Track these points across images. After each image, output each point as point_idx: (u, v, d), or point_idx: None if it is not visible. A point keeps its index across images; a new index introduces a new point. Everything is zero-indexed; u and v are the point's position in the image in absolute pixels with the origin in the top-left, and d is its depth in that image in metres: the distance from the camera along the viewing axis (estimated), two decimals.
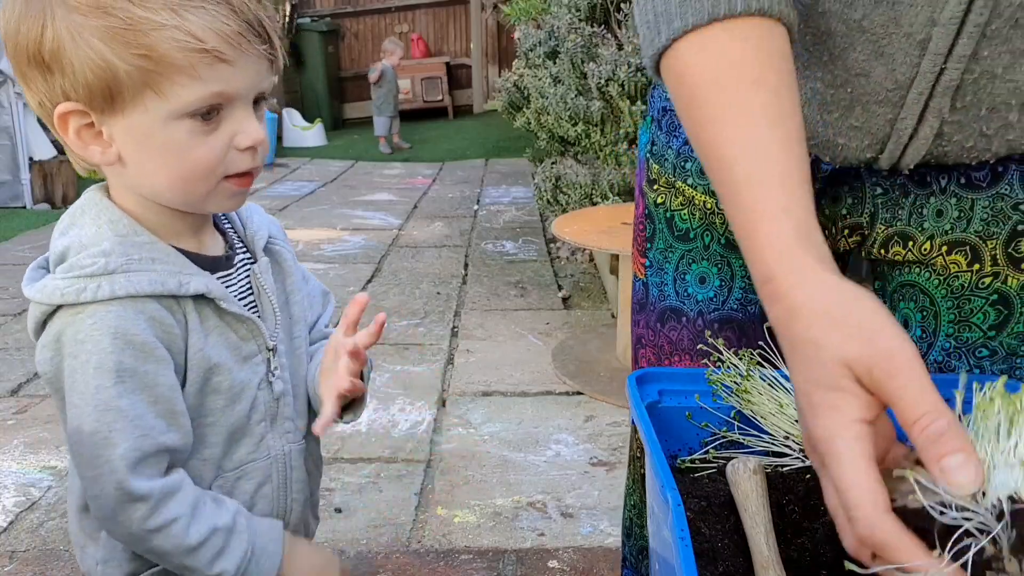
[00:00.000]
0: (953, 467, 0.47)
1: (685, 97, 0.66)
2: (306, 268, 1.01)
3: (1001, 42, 0.69)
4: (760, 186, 0.60)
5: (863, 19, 0.72)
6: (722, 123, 0.63)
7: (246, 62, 0.76)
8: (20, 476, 2.33)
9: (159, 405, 0.78)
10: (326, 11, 11.32)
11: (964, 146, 0.75)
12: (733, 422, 0.72)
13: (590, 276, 4.24)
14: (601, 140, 3.99)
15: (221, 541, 0.81)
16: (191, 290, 0.79)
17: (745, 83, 0.62)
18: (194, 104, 0.74)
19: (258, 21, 0.77)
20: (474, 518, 2.11)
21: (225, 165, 0.79)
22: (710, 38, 0.64)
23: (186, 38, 0.72)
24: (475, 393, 2.86)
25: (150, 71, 0.72)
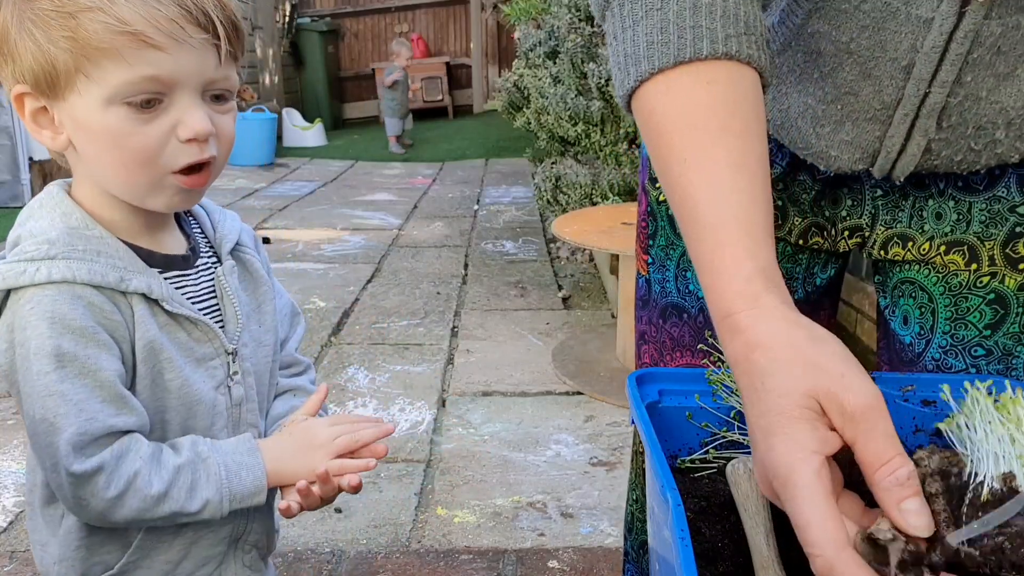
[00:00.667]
0: (913, 510, 0.49)
1: (653, 136, 0.67)
2: (279, 283, 1.01)
3: (984, 68, 0.70)
4: (724, 230, 0.60)
5: (850, 42, 0.73)
6: (688, 165, 0.63)
7: (181, 49, 0.74)
8: (20, 476, 2.33)
9: (104, 390, 0.76)
10: (326, 11, 11.32)
11: (953, 160, 0.76)
12: (733, 422, 0.72)
13: (590, 276, 4.24)
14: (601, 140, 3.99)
15: (189, 475, 0.79)
16: (131, 288, 0.78)
17: (711, 128, 0.63)
18: (123, 88, 0.73)
19: (200, 8, 0.75)
20: (474, 518, 2.11)
21: (167, 157, 0.77)
22: (675, 81, 0.65)
23: (111, 20, 0.71)
24: (475, 393, 2.86)
25: (77, 54, 0.72)
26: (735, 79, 0.65)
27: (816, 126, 0.79)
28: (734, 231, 0.60)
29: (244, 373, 0.88)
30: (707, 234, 0.62)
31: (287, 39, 10.31)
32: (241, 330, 0.88)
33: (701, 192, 0.62)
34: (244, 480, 0.82)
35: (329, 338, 3.37)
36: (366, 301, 3.86)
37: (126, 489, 0.76)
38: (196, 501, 0.80)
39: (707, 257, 0.61)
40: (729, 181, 0.62)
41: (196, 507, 0.80)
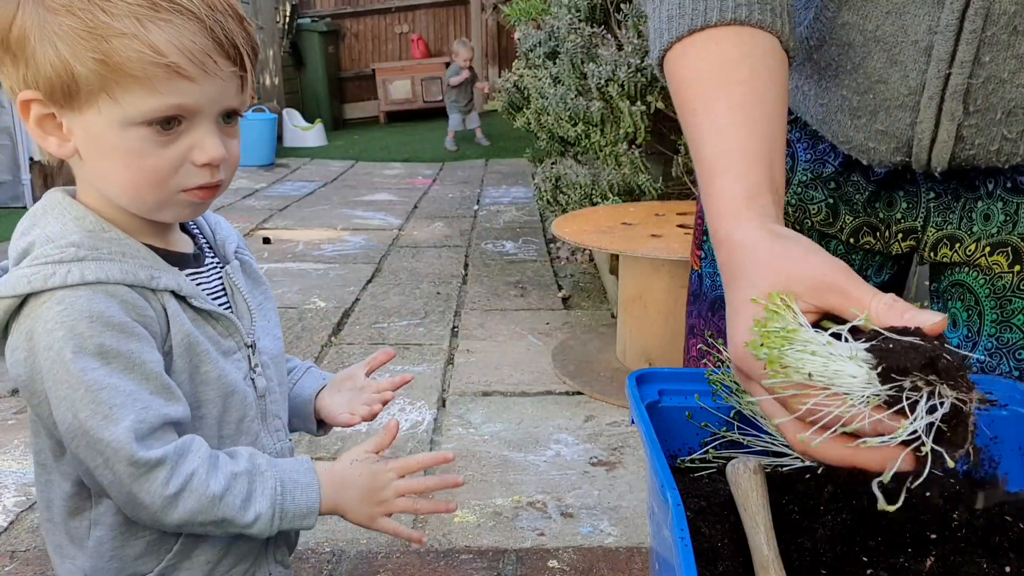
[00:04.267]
0: (918, 314, 0.53)
1: (675, 98, 0.74)
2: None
3: (1003, 48, 0.72)
4: (719, 161, 0.67)
5: (876, 30, 0.77)
6: (696, 114, 0.71)
7: (210, 80, 0.75)
8: (21, 476, 2.33)
9: (152, 382, 0.76)
10: (326, 11, 11.31)
11: (989, 149, 0.77)
12: (733, 422, 0.72)
13: (590, 276, 4.24)
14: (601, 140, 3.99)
15: (245, 484, 0.79)
16: (161, 285, 0.78)
17: (717, 79, 0.70)
18: (148, 114, 0.74)
19: (230, 41, 0.76)
20: (474, 518, 2.11)
21: (179, 178, 0.78)
22: (689, 46, 0.72)
23: (145, 49, 0.71)
24: (475, 393, 2.86)
25: (106, 77, 0.72)
26: (744, 39, 0.71)
27: (853, 118, 0.82)
28: (727, 161, 0.67)
29: (263, 365, 0.89)
30: (706, 168, 0.68)
31: (287, 39, 10.31)
32: (255, 325, 0.89)
33: (704, 133, 0.69)
34: (298, 500, 0.82)
35: (329, 338, 3.37)
36: (366, 301, 3.86)
37: (183, 487, 0.76)
38: (249, 512, 0.79)
39: (707, 190, 0.67)
40: (727, 120, 0.68)
41: (249, 519, 0.79)
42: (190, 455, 0.77)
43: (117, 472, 0.74)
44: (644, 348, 2.98)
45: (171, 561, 0.84)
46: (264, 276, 0.98)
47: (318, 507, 0.83)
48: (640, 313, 2.97)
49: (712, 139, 0.68)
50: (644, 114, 3.62)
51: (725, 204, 0.65)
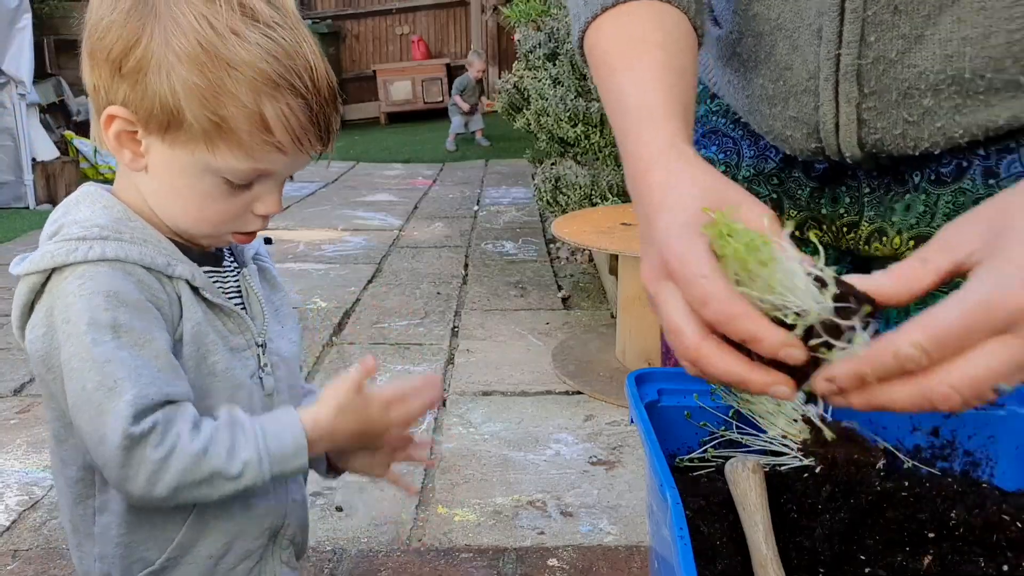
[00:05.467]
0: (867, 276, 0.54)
1: (593, 71, 0.77)
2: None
3: (887, 28, 0.74)
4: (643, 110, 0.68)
5: (778, 18, 0.81)
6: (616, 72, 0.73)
7: (301, 156, 0.80)
8: (23, 475, 2.33)
9: (160, 359, 0.77)
10: (327, 13, 11.32)
11: (893, 133, 0.78)
12: (732, 421, 0.73)
13: (590, 276, 4.24)
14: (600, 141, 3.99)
15: (227, 435, 0.79)
16: (177, 273, 0.80)
17: (634, 40, 0.73)
18: (236, 175, 0.78)
19: (327, 126, 0.80)
20: (474, 517, 2.11)
21: (237, 223, 0.83)
22: (603, 22, 0.76)
23: (258, 125, 0.75)
24: (475, 393, 2.87)
25: (213, 134, 0.75)
26: (655, 12, 0.74)
27: (771, 106, 0.85)
28: (651, 112, 0.68)
29: (273, 366, 0.90)
30: (632, 118, 0.69)
31: None
32: (267, 326, 0.91)
33: (626, 88, 0.71)
34: (283, 439, 0.80)
35: (330, 338, 3.37)
36: (367, 301, 3.86)
37: (171, 449, 0.76)
38: (236, 462, 0.78)
39: (632, 138, 0.68)
40: (648, 76, 0.70)
41: (236, 469, 0.78)
42: (177, 418, 0.78)
43: (111, 446, 0.75)
44: (643, 348, 2.98)
45: (173, 553, 0.84)
46: (283, 282, 0.99)
47: (305, 442, 0.81)
48: (640, 313, 2.97)
49: (635, 92, 0.70)
50: None
51: (651, 150, 0.66)
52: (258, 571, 0.91)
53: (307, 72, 0.77)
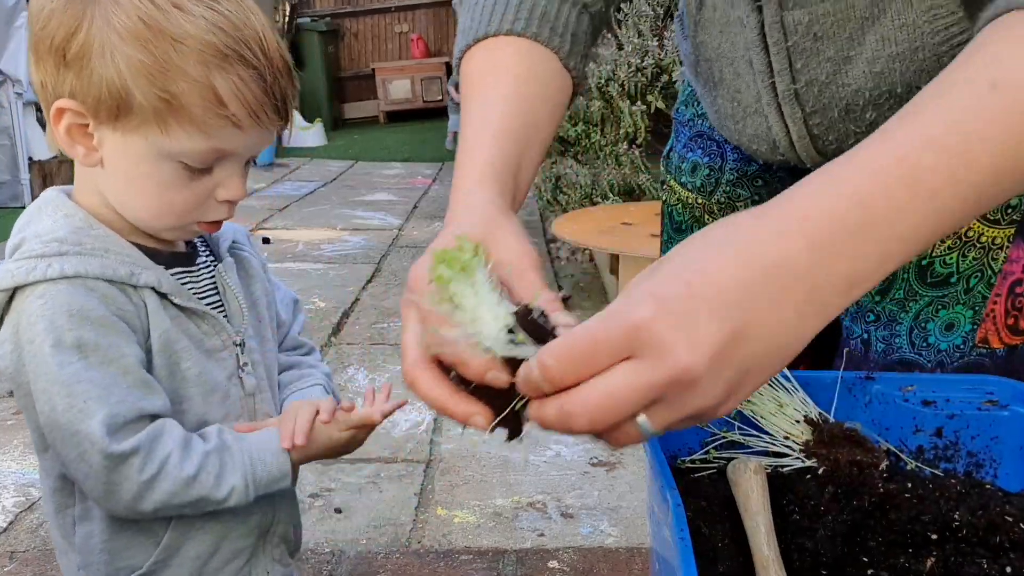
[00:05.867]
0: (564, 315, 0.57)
1: (461, 93, 0.80)
2: (276, 278, 1.03)
3: (812, 54, 0.76)
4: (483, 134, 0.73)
5: (719, 47, 0.84)
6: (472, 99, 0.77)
7: (257, 131, 0.78)
8: (20, 476, 2.33)
9: (130, 376, 0.77)
10: (326, 11, 11.32)
11: (847, 142, 0.80)
12: (733, 422, 0.72)
13: (590, 276, 4.24)
14: (601, 140, 3.99)
15: (217, 461, 0.80)
16: (141, 281, 0.79)
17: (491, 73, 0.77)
18: (192, 155, 0.76)
19: (283, 98, 0.78)
20: (474, 518, 2.11)
21: (199, 212, 0.81)
22: (473, 54, 0.80)
23: (210, 99, 0.74)
24: None
25: (165, 113, 0.73)
26: (521, 48, 0.78)
27: (734, 123, 0.88)
28: (486, 138, 0.72)
29: (254, 364, 0.89)
30: (468, 144, 0.73)
31: (287, 39, 10.30)
32: (246, 323, 0.89)
33: (474, 113, 0.75)
34: (268, 464, 0.83)
35: (329, 338, 3.37)
36: (366, 301, 3.86)
37: (158, 472, 0.76)
38: (223, 487, 0.80)
39: (463, 159, 0.73)
40: (496, 104, 0.74)
41: (223, 494, 0.80)
42: (163, 438, 0.77)
43: (92, 465, 0.75)
44: None
45: (160, 556, 0.84)
46: (263, 270, 0.98)
47: (289, 467, 0.85)
48: None
49: (479, 117, 0.74)
50: (644, 114, 3.63)
51: (474, 168, 0.70)
52: (248, 569, 0.90)
53: (257, 43, 0.76)
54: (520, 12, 0.79)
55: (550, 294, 0.61)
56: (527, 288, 0.61)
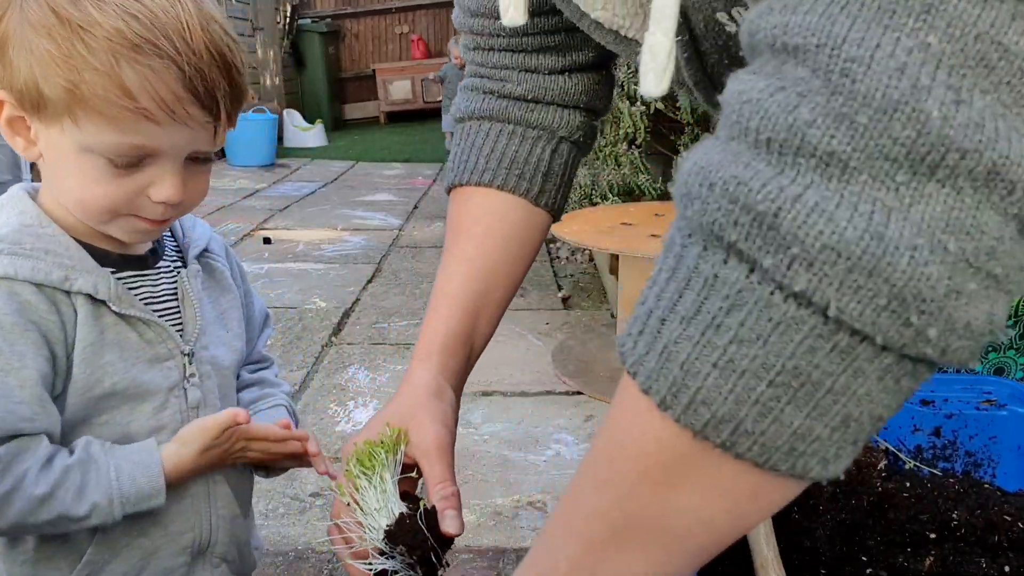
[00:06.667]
0: (451, 518, 0.74)
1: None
2: (254, 289, 1.00)
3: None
4: (440, 298, 0.83)
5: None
6: (443, 255, 0.86)
7: (177, 127, 0.73)
8: None
9: (26, 390, 0.74)
10: (326, 12, 11.32)
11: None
12: None
13: (590, 276, 4.24)
14: (601, 140, 3.99)
15: (78, 476, 0.76)
16: (76, 287, 0.76)
17: (458, 230, 0.85)
18: (108, 149, 0.73)
19: (209, 92, 0.73)
20: (474, 517, 2.11)
21: (132, 209, 0.77)
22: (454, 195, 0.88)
23: (115, 89, 0.70)
24: (475, 393, 2.86)
25: (71, 104, 0.71)
26: (489, 200, 0.85)
27: None
28: (443, 302, 0.82)
29: (203, 376, 0.86)
30: (431, 303, 0.84)
31: (288, 40, 10.30)
32: (200, 334, 0.86)
33: (439, 274, 0.84)
34: (138, 481, 0.78)
35: (330, 338, 3.37)
36: (367, 301, 3.86)
37: (12, 489, 0.73)
38: (83, 504, 0.76)
39: (425, 320, 0.83)
40: (455, 268, 0.83)
41: (83, 511, 0.76)
42: (24, 455, 0.74)
43: None
44: None
45: (84, 571, 0.81)
46: (240, 281, 0.95)
47: (162, 483, 0.79)
48: None
49: (441, 280, 0.83)
50: (644, 114, 3.62)
51: (426, 340, 0.82)
52: None
53: (178, 33, 0.71)
54: (489, 162, 0.84)
55: (450, 489, 0.73)
56: (434, 475, 0.74)
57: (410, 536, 0.67)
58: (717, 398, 0.39)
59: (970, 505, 0.68)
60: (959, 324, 0.36)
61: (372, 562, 0.68)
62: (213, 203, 5.99)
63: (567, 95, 0.85)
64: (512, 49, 0.84)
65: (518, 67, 0.84)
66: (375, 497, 0.70)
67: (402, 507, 0.70)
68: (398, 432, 0.75)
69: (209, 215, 5.59)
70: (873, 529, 0.68)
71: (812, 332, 0.37)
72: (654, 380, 0.41)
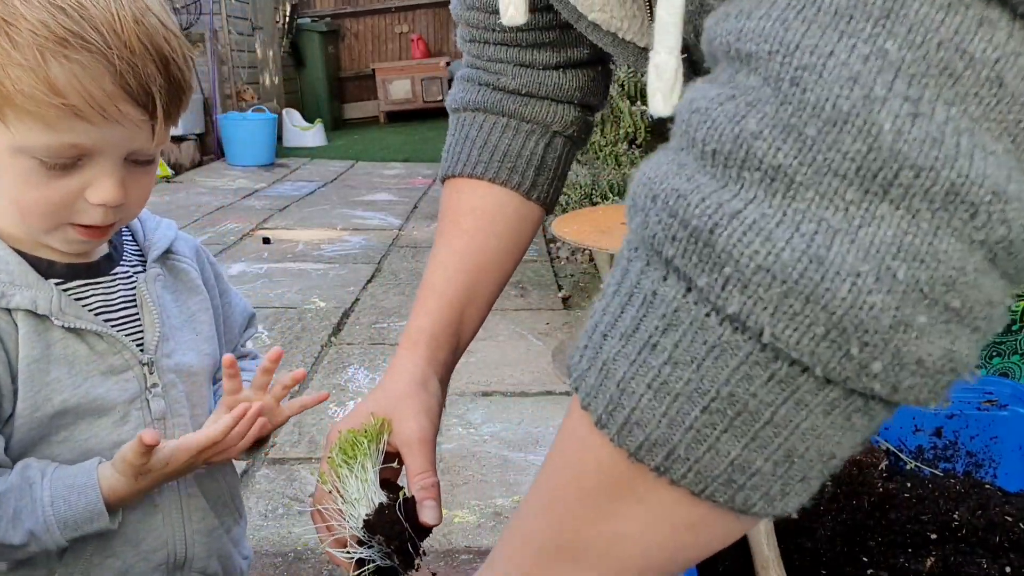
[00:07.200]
0: (430, 508, 0.71)
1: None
2: (235, 290, 0.98)
3: None
4: (424, 291, 0.83)
5: None
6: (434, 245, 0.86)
7: (110, 125, 0.70)
8: None
9: None
10: (326, 11, 11.32)
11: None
12: None
13: (590, 276, 4.24)
14: (601, 140, 3.99)
15: (12, 503, 0.73)
16: (13, 304, 0.73)
17: (449, 222, 0.86)
18: (39, 150, 0.69)
19: (143, 88, 0.70)
20: (474, 518, 2.11)
21: (70, 212, 0.73)
22: (446, 187, 0.88)
23: (40, 86, 0.66)
24: (475, 393, 2.86)
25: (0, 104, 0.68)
26: (480, 193, 0.85)
27: None
28: (430, 295, 0.83)
29: (167, 385, 0.83)
30: (419, 294, 0.84)
31: (287, 39, 10.30)
32: (161, 340, 0.83)
33: (430, 264, 0.85)
34: (75, 505, 0.74)
35: (329, 338, 3.37)
36: (366, 301, 3.86)
37: None
38: (19, 532, 0.73)
39: (412, 310, 0.84)
40: (446, 261, 0.83)
41: (20, 539, 0.73)
42: None
43: None
44: None
45: None
46: (212, 281, 0.92)
47: (101, 505, 0.75)
48: None
49: (431, 270, 0.84)
50: (644, 114, 3.62)
51: (406, 333, 0.82)
52: None
53: (107, 26, 0.67)
54: (483, 154, 0.84)
55: (430, 479, 0.73)
56: (415, 466, 0.74)
57: (388, 527, 0.68)
58: (651, 420, 0.38)
59: (971, 505, 0.68)
60: (908, 360, 0.33)
61: (351, 551, 0.69)
62: (212, 203, 5.99)
63: (561, 91, 0.84)
64: (507, 43, 0.83)
65: (513, 61, 0.84)
66: (356, 486, 0.71)
67: (382, 496, 0.70)
68: (381, 422, 0.75)
69: (208, 215, 5.59)
70: (874, 529, 0.68)
71: (748, 358, 0.35)
72: (592, 397, 0.40)
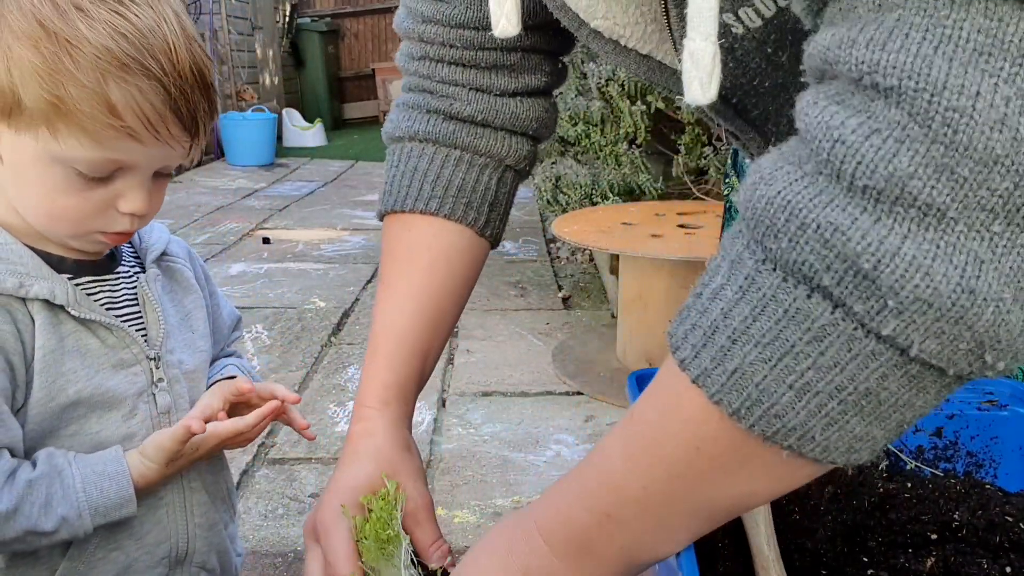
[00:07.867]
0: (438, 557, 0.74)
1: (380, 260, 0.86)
2: (221, 293, 1.00)
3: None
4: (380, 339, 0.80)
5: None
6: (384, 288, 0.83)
7: (158, 145, 0.73)
8: None
9: None
10: (326, 11, 11.32)
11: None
12: None
13: (590, 276, 4.24)
14: (601, 140, 3.99)
15: (43, 490, 0.74)
16: (32, 294, 0.75)
17: (402, 261, 0.82)
18: (84, 163, 0.72)
19: (191, 113, 0.74)
20: (474, 518, 2.11)
21: (100, 221, 0.76)
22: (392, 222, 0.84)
23: (102, 107, 0.69)
24: (475, 393, 2.86)
25: (52, 115, 0.70)
26: (434, 230, 0.82)
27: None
28: (388, 345, 0.79)
29: (171, 380, 0.85)
30: (373, 341, 0.80)
31: (287, 39, 10.30)
32: (164, 337, 0.85)
33: (382, 308, 0.81)
34: (106, 491, 0.77)
35: (329, 338, 3.37)
36: (366, 301, 3.86)
37: None
38: (51, 519, 0.74)
39: (367, 361, 0.80)
40: (398, 305, 0.80)
41: (52, 525, 0.75)
42: None
43: None
44: (644, 348, 2.98)
45: None
46: (204, 282, 0.95)
47: (132, 492, 0.78)
48: (640, 313, 2.97)
49: (385, 317, 0.80)
50: (644, 114, 3.63)
51: (375, 386, 0.78)
52: None
53: (164, 53, 0.71)
54: (435, 189, 0.81)
55: (445, 547, 0.75)
56: (427, 536, 0.75)
57: None
58: (790, 412, 0.43)
59: (971, 506, 0.68)
60: (1022, 354, 0.40)
61: None
62: (212, 203, 5.99)
63: (517, 120, 0.83)
64: (464, 63, 0.81)
65: (469, 84, 0.82)
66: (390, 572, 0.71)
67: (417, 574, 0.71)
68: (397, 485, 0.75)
69: (208, 215, 5.59)
70: (874, 530, 0.68)
71: (888, 363, 0.41)
72: (725, 393, 0.45)
